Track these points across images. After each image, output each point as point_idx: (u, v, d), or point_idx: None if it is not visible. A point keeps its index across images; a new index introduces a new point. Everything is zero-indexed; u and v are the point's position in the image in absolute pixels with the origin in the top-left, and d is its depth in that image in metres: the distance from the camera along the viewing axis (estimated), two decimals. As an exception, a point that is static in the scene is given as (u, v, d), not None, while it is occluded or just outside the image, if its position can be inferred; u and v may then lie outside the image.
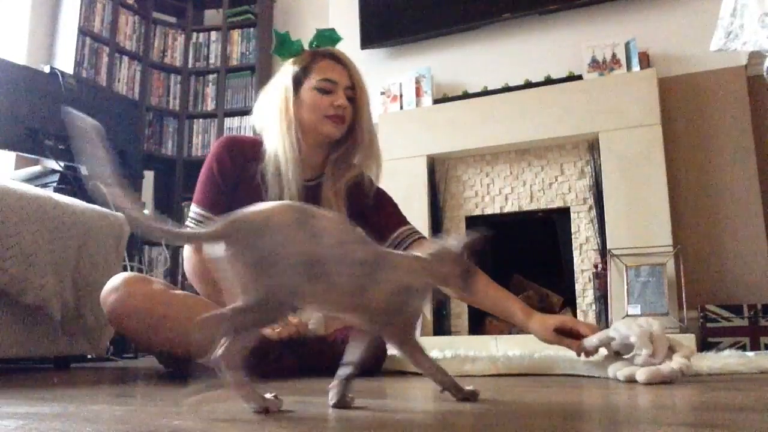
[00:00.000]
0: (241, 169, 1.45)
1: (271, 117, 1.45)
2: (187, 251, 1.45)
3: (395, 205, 1.60)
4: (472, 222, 3.13)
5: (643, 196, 2.72)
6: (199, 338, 1.30)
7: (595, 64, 2.92)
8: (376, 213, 1.55)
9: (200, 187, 1.46)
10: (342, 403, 0.76)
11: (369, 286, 0.72)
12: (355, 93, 1.48)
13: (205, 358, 1.33)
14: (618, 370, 1.10)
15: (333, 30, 1.52)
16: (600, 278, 2.76)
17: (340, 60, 1.49)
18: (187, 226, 1.44)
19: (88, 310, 1.79)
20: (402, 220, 1.57)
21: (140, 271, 2.95)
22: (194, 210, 1.45)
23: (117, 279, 1.32)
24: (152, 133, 3.80)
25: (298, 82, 1.45)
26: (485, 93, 3.15)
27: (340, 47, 1.56)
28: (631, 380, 1.07)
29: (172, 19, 4.06)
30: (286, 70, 1.48)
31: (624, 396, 0.94)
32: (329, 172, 1.51)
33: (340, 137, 1.50)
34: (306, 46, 1.51)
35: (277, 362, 1.40)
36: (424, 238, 1.55)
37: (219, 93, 3.88)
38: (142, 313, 1.29)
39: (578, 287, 2.86)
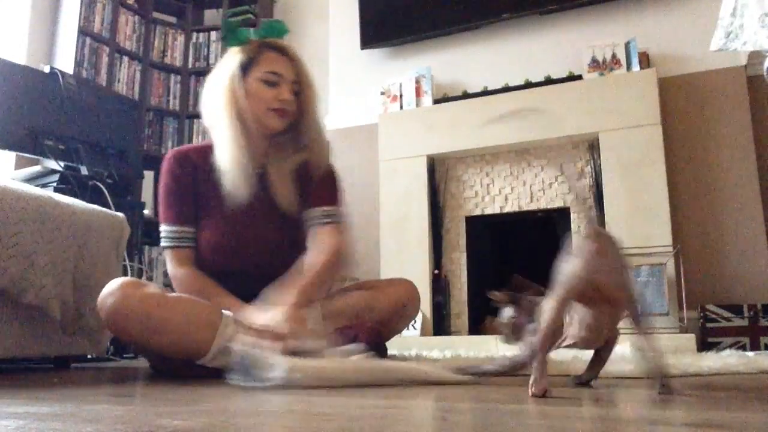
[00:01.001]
0: (193, 177, 1.48)
1: (218, 106, 1.46)
2: (172, 268, 1.46)
3: (334, 186, 1.54)
4: (472, 222, 3.14)
5: (643, 196, 2.72)
6: (197, 338, 1.30)
7: (595, 64, 2.92)
8: (314, 191, 1.51)
9: (163, 206, 1.49)
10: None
11: None
12: (300, 87, 1.47)
13: (202, 360, 1.33)
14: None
15: (281, 22, 1.51)
16: (600, 278, 2.76)
17: (286, 53, 1.48)
18: (163, 247, 1.47)
19: (88, 310, 1.79)
20: (328, 200, 1.50)
21: (140, 271, 2.95)
22: (165, 229, 1.47)
23: (113, 284, 1.32)
24: (152, 133, 3.80)
25: (244, 70, 1.45)
26: (485, 93, 3.15)
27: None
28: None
29: (172, 19, 4.06)
30: (232, 59, 1.47)
31: (624, 396, 0.94)
32: (273, 158, 1.50)
33: (284, 130, 1.50)
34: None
35: None
36: (334, 224, 1.48)
37: (219, 93, 3.88)
38: (139, 317, 1.28)
39: (578, 287, 2.86)
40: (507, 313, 1.05)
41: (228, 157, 1.43)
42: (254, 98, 1.44)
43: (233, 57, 1.47)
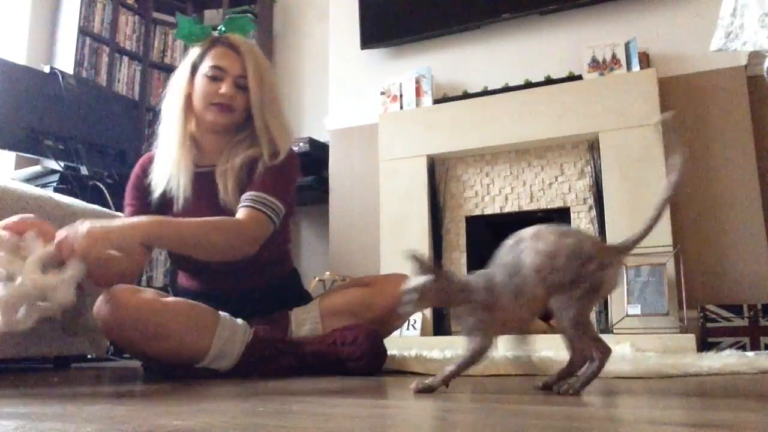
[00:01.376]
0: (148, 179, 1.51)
1: (169, 106, 1.49)
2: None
3: (273, 175, 1.44)
4: (472, 222, 3.14)
5: (643, 196, 2.72)
6: (195, 342, 1.30)
7: (595, 64, 2.92)
8: (253, 179, 1.45)
9: (125, 200, 1.56)
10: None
11: None
12: (247, 82, 1.44)
13: (201, 363, 1.33)
14: None
15: (246, 17, 1.52)
16: (600, 278, 2.76)
17: (234, 47, 1.46)
18: None
19: (88, 310, 1.79)
20: (258, 187, 1.41)
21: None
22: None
23: (108, 292, 1.31)
24: (152, 133, 3.80)
25: (194, 68, 1.47)
26: (485, 93, 3.15)
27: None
28: None
29: (172, 19, 4.06)
30: (189, 56, 1.49)
31: (624, 396, 0.94)
32: (223, 156, 1.48)
33: (239, 125, 1.49)
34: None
35: (276, 363, 1.40)
36: (253, 209, 1.38)
37: (219, 93, 3.88)
38: (136, 323, 1.28)
39: (578, 287, 2.86)
40: (420, 279, 0.94)
41: (170, 159, 1.44)
42: (198, 94, 1.45)
43: (190, 54, 1.49)
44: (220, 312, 1.38)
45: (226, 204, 1.43)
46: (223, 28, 1.49)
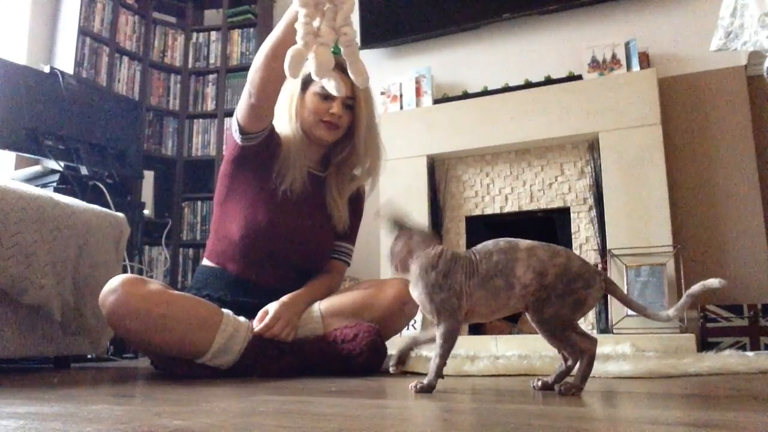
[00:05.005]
0: (272, 153, 1.56)
1: (281, 109, 1.58)
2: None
3: (357, 219, 1.73)
4: (472, 222, 3.14)
5: (643, 196, 2.72)
6: (198, 337, 1.31)
7: (595, 64, 2.92)
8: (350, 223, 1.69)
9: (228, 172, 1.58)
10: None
11: None
12: (354, 103, 1.58)
13: (202, 359, 1.33)
14: None
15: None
16: (600, 278, 2.75)
17: (344, 70, 1.52)
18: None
19: (88, 310, 1.79)
20: (347, 235, 1.69)
21: (140, 271, 2.95)
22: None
23: (115, 281, 1.33)
24: (152, 133, 3.80)
25: (305, 84, 1.58)
26: (485, 93, 3.15)
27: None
28: None
29: (172, 19, 4.06)
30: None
31: (624, 396, 0.94)
32: (332, 173, 1.65)
33: (339, 141, 1.63)
34: None
35: (277, 362, 1.40)
36: (340, 261, 1.68)
37: (219, 93, 3.88)
38: (141, 314, 1.29)
39: (578, 287, 2.86)
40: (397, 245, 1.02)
41: (289, 154, 1.54)
42: (309, 109, 1.57)
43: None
44: (223, 309, 1.39)
45: (338, 226, 1.64)
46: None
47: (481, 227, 3.16)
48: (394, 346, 1.76)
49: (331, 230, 1.64)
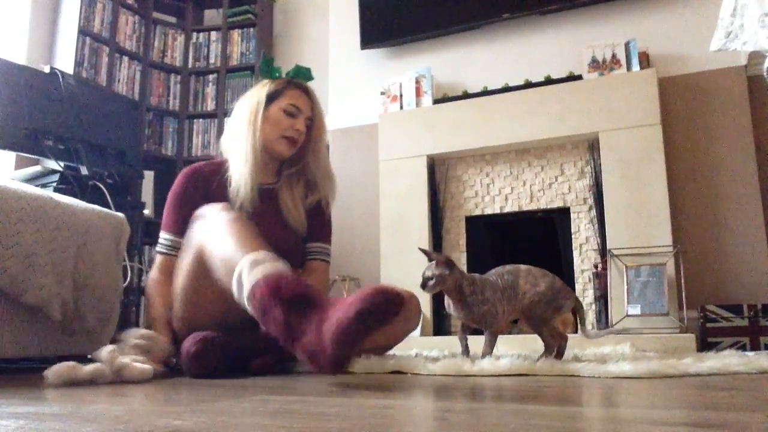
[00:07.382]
0: (205, 193, 1.61)
1: (241, 121, 1.65)
2: (154, 271, 1.63)
3: (325, 223, 1.78)
4: (473, 222, 3.14)
5: (643, 196, 2.72)
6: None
7: (595, 64, 2.92)
8: (317, 226, 1.74)
9: (165, 214, 1.65)
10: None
11: None
12: (312, 123, 1.69)
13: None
14: None
15: (309, 69, 1.76)
16: (600, 278, 2.76)
17: (308, 93, 1.72)
18: (156, 251, 1.64)
19: (88, 310, 1.79)
20: (320, 236, 1.74)
21: (140, 271, 2.95)
22: (162, 236, 1.63)
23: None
24: (152, 133, 3.80)
25: (270, 100, 1.65)
26: (485, 93, 3.16)
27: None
28: None
29: (172, 19, 4.06)
30: (261, 87, 1.69)
31: (624, 396, 0.94)
32: (285, 182, 1.70)
33: (290, 157, 1.70)
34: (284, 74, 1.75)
35: (263, 359, 1.39)
36: (317, 261, 1.71)
37: (219, 93, 3.88)
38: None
39: (578, 287, 2.86)
40: (439, 269, 1.44)
41: (241, 171, 1.59)
42: (273, 124, 1.63)
43: (262, 87, 1.68)
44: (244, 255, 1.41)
45: (294, 226, 1.67)
46: (293, 74, 1.74)
47: (481, 227, 3.16)
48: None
49: (292, 235, 1.66)
